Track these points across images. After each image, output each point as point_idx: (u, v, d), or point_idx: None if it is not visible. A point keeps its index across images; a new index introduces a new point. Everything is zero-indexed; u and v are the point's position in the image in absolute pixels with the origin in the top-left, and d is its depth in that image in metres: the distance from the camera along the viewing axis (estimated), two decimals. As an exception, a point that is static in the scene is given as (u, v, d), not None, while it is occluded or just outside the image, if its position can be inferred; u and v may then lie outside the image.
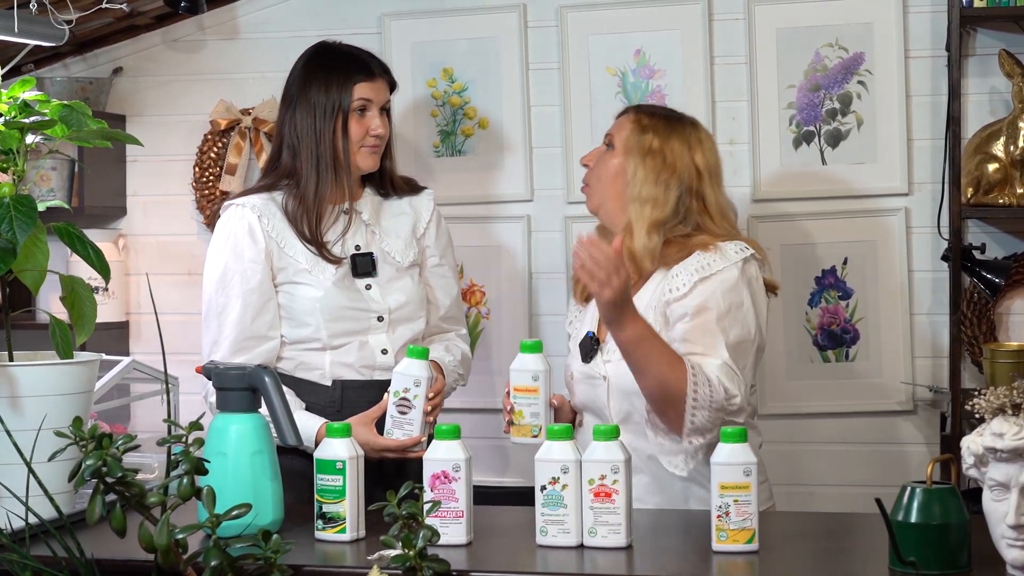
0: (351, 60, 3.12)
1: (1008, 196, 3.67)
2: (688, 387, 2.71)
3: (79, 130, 2.52)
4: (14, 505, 2.20)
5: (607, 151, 2.98)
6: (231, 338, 3.01)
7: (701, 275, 2.83)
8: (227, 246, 3.05)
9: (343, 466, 2.41)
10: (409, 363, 2.87)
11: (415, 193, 3.23)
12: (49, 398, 2.40)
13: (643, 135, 2.93)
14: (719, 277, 2.83)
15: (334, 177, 3.06)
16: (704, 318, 2.80)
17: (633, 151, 2.93)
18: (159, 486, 1.97)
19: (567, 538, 2.35)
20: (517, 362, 2.80)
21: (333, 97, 3.06)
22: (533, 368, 2.78)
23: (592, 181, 2.99)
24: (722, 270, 2.84)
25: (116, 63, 4.27)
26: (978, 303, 3.79)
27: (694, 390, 2.72)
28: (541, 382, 2.79)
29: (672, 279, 2.86)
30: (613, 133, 2.98)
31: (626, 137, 2.95)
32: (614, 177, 2.94)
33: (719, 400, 2.74)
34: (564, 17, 3.98)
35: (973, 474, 2.07)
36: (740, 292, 2.84)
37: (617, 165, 2.94)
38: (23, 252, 2.39)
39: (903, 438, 3.87)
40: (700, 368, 2.74)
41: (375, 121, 3.08)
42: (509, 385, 2.80)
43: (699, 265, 2.84)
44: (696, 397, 2.72)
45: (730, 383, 2.76)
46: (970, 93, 3.79)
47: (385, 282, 3.11)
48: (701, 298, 2.81)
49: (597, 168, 2.98)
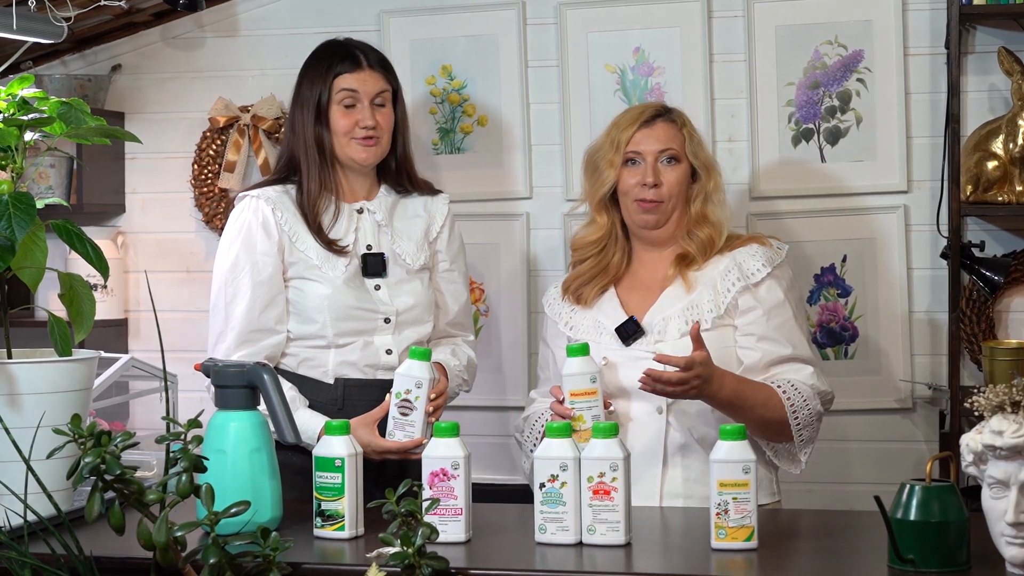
0: (336, 53, 3.12)
1: (1007, 194, 3.67)
2: (788, 414, 2.87)
3: (78, 127, 2.52)
4: (13, 503, 2.20)
5: (671, 165, 3.00)
6: (237, 329, 3.00)
7: (772, 264, 2.98)
8: (240, 237, 3.05)
9: (342, 463, 2.41)
10: (411, 364, 2.87)
11: (432, 195, 3.23)
12: (48, 395, 2.40)
13: (691, 137, 3.04)
14: (781, 271, 3.01)
15: (324, 171, 3.07)
16: (783, 315, 2.96)
17: (695, 156, 3.03)
18: (158, 484, 1.97)
19: (566, 536, 2.35)
20: (570, 366, 2.80)
21: (316, 89, 3.08)
22: (589, 370, 2.80)
23: (667, 197, 3.00)
24: (781, 265, 3.02)
25: (115, 60, 4.27)
26: (977, 301, 3.79)
27: (794, 414, 2.88)
28: (598, 383, 2.80)
29: (741, 265, 2.98)
30: (672, 146, 3.01)
31: (683, 144, 3.02)
32: (686, 188, 3.03)
33: (817, 409, 2.92)
34: (563, 14, 3.98)
35: (972, 472, 2.07)
36: (797, 289, 3.09)
37: (685, 174, 3.03)
38: (22, 249, 2.39)
39: (902, 436, 3.87)
40: (793, 389, 2.89)
41: (364, 113, 3.07)
42: (563, 392, 2.80)
43: (767, 257, 3.00)
44: (798, 419, 2.89)
45: (822, 384, 2.97)
46: (969, 91, 3.79)
47: (394, 284, 3.11)
48: (774, 292, 2.97)
49: (670, 184, 3.00)
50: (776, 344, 2.94)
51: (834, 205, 3.87)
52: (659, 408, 2.90)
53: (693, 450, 2.90)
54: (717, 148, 3.89)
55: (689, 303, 2.95)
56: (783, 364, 2.94)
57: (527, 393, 4.01)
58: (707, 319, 2.92)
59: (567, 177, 3.98)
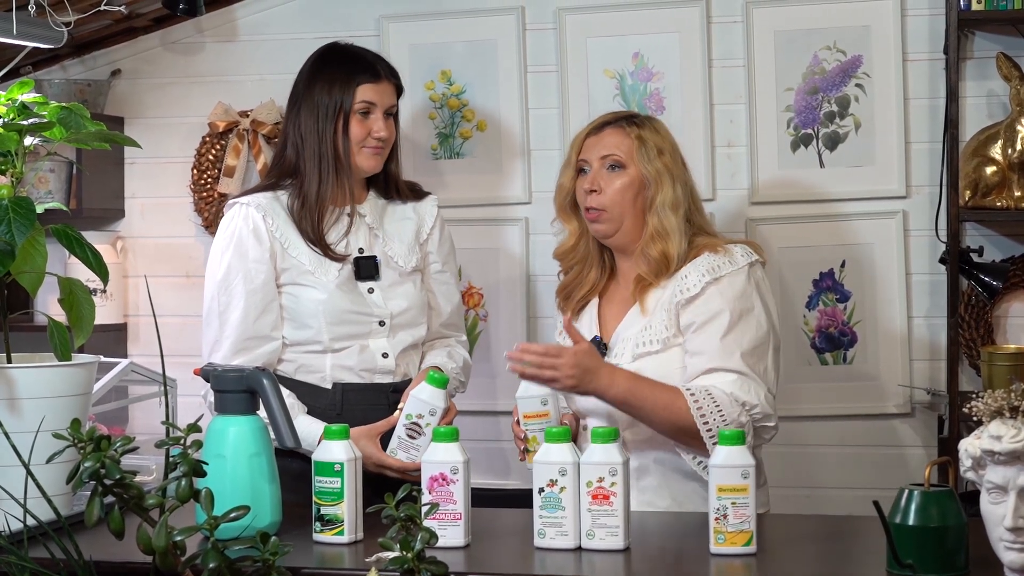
0: (356, 61, 3.12)
1: (1006, 199, 3.67)
2: (695, 416, 2.73)
3: (77, 132, 2.52)
4: (12, 507, 2.20)
5: (613, 171, 2.93)
6: (232, 338, 3.00)
7: (712, 275, 2.84)
8: (231, 245, 3.05)
9: (341, 468, 2.41)
10: (429, 391, 2.88)
11: (419, 199, 3.23)
12: (47, 400, 2.40)
13: (646, 144, 2.93)
14: (728, 280, 2.84)
15: (335, 177, 3.06)
16: (715, 327, 2.80)
17: (648, 162, 2.92)
18: (157, 488, 1.97)
19: (565, 540, 2.35)
20: (522, 389, 2.82)
21: (336, 97, 3.06)
22: (539, 393, 2.80)
23: (608, 205, 2.92)
24: (731, 273, 2.85)
25: (114, 65, 4.27)
26: (976, 306, 3.79)
27: (701, 415, 2.73)
28: (550, 405, 2.80)
29: (682, 279, 2.86)
30: (615, 152, 2.93)
31: (632, 151, 2.93)
32: (636, 194, 2.92)
33: (733, 417, 2.74)
34: (562, 20, 3.99)
35: (971, 477, 2.07)
36: (750, 296, 2.85)
37: (635, 181, 2.92)
38: (21, 254, 2.39)
39: (901, 441, 3.87)
40: (705, 394, 2.75)
41: (378, 124, 3.08)
42: (517, 413, 2.81)
43: (709, 266, 2.85)
44: (707, 421, 2.73)
45: (746, 395, 2.77)
46: (968, 96, 3.79)
47: (387, 286, 3.11)
48: (712, 303, 2.82)
49: (611, 191, 2.92)
50: (699, 358, 2.80)
51: (833, 210, 3.88)
52: None
53: (648, 472, 2.86)
54: (716, 153, 3.90)
55: (643, 326, 2.89)
56: (706, 375, 2.79)
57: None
58: (658, 340, 2.85)
59: (566, 182, 3.98)
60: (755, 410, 2.78)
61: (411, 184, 3.26)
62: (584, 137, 3.00)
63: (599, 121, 3.02)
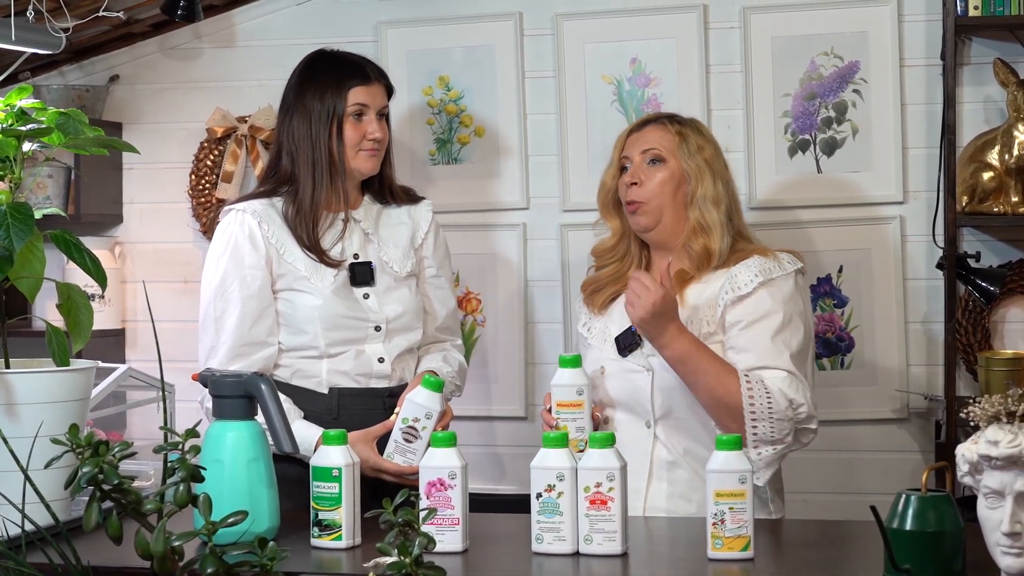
0: (346, 65, 3.12)
1: (1003, 204, 3.67)
2: (744, 399, 2.74)
3: (76, 138, 2.52)
4: (10, 512, 2.20)
5: (654, 165, 2.98)
6: (228, 344, 3.00)
7: (765, 276, 2.88)
8: (227, 251, 3.05)
9: (339, 473, 2.41)
10: (425, 394, 2.88)
11: (414, 203, 3.24)
12: (45, 405, 2.40)
13: (688, 141, 2.99)
14: (780, 283, 2.89)
15: (331, 182, 3.07)
16: (766, 325, 2.84)
17: (691, 157, 2.97)
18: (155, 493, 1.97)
19: (563, 545, 2.35)
20: (559, 377, 2.81)
21: (328, 102, 3.07)
22: (577, 383, 2.79)
23: (647, 197, 2.97)
24: (782, 277, 2.90)
25: (113, 71, 4.27)
26: (973, 311, 3.80)
27: (751, 401, 2.74)
28: (585, 396, 2.80)
29: (735, 277, 2.89)
30: (655, 147, 2.99)
31: (673, 147, 2.98)
32: (675, 188, 2.97)
33: (780, 410, 2.76)
34: (560, 25, 3.99)
35: (968, 482, 2.07)
36: (798, 301, 2.90)
37: (676, 175, 2.97)
38: (19, 259, 2.39)
39: (898, 446, 3.87)
40: (759, 379, 2.77)
41: (372, 125, 3.08)
42: (551, 401, 2.81)
43: (762, 268, 2.90)
44: (754, 408, 2.75)
45: (795, 393, 2.78)
46: (965, 102, 3.80)
47: (383, 292, 3.11)
48: (763, 304, 2.85)
49: (650, 183, 2.97)
50: (747, 355, 2.82)
51: (830, 216, 3.88)
52: (647, 422, 2.91)
53: (679, 466, 2.88)
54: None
55: (683, 320, 2.88)
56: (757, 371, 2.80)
57: (522, 403, 4.02)
58: (700, 333, 2.86)
59: (564, 188, 3.99)
60: (801, 409, 2.79)
61: (406, 188, 3.27)
62: (627, 135, 3.06)
63: (641, 120, 3.10)
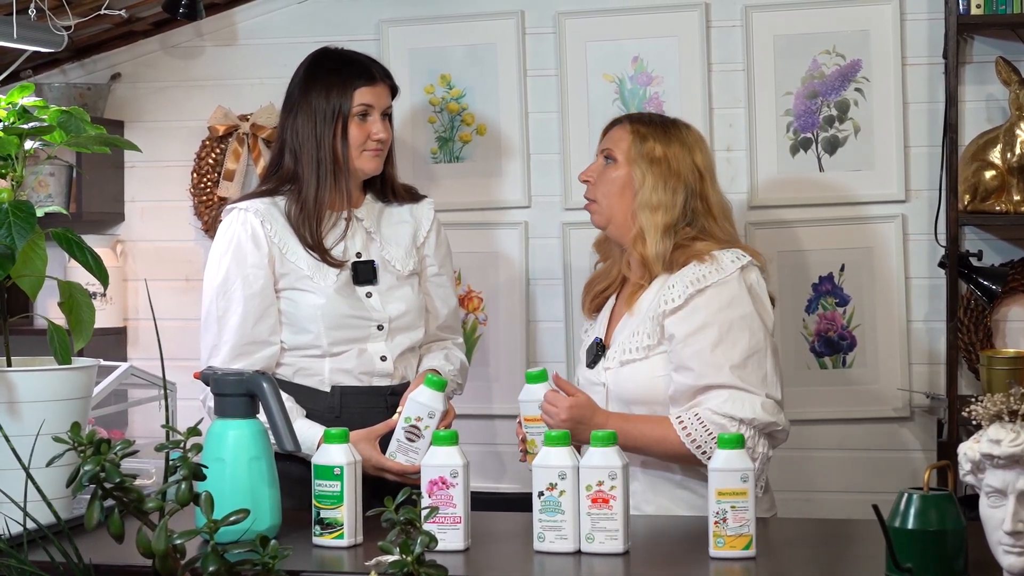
0: (352, 65, 3.12)
1: (1005, 203, 3.67)
2: (686, 442, 2.75)
3: (77, 136, 2.52)
4: (12, 510, 2.20)
5: (608, 165, 2.97)
6: (231, 343, 3.00)
7: (696, 287, 2.81)
8: (230, 250, 3.05)
9: (341, 472, 2.41)
10: (428, 393, 2.89)
11: (415, 201, 3.23)
12: (47, 404, 2.40)
13: (644, 143, 2.94)
14: (714, 291, 2.81)
15: (334, 182, 3.07)
16: (702, 341, 2.78)
17: (638, 160, 2.93)
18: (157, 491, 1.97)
19: (564, 544, 2.35)
20: (524, 393, 2.84)
21: (334, 102, 3.06)
22: (541, 398, 2.80)
23: (598, 196, 2.97)
24: (717, 283, 2.82)
25: (114, 69, 4.27)
26: (975, 310, 3.80)
27: (694, 443, 2.74)
28: None
29: (668, 289, 2.85)
30: (611, 147, 2.97)
31: (627, 148, 2.95)
32: (622, 189, 2.94)
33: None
34: (562, 24, 3.99)
35: (970, 480, 2.07)
36: (741, 303, 2.82)
37: (623, 176, 2.94)
38: (21, 258, 2.39)
39: (900, 445, 3.87)
40: (696, 420, 2.75)
41: (377, 126, 3.08)
42: (520, 416, 2.84)
43: (693, 277, 2.82)
44: (699, 444, 2.74)
45: (740, 410, 2.75)
46: (967, 100, 3.80)
47: (385, 290, 3.11)
48: (696, 316, 2.80)
49: (602, 183, 2.97)
50: (688, 374, 2.78)
51: (832, 214, 3.88)
52: None
53: (634, 476, 2.82)
54: (715, 158, 3.89)
55: (631, 330, 2.89)
56: (702, 394, 2.78)
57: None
58: (641, 348, 2.85)
59: (565, 186, 3.99)
60: (753, 423, 2.76)
61: (407, 187, 3.26)
62: (602, 133, 3.06)
63: (617, 118, 3.08)
